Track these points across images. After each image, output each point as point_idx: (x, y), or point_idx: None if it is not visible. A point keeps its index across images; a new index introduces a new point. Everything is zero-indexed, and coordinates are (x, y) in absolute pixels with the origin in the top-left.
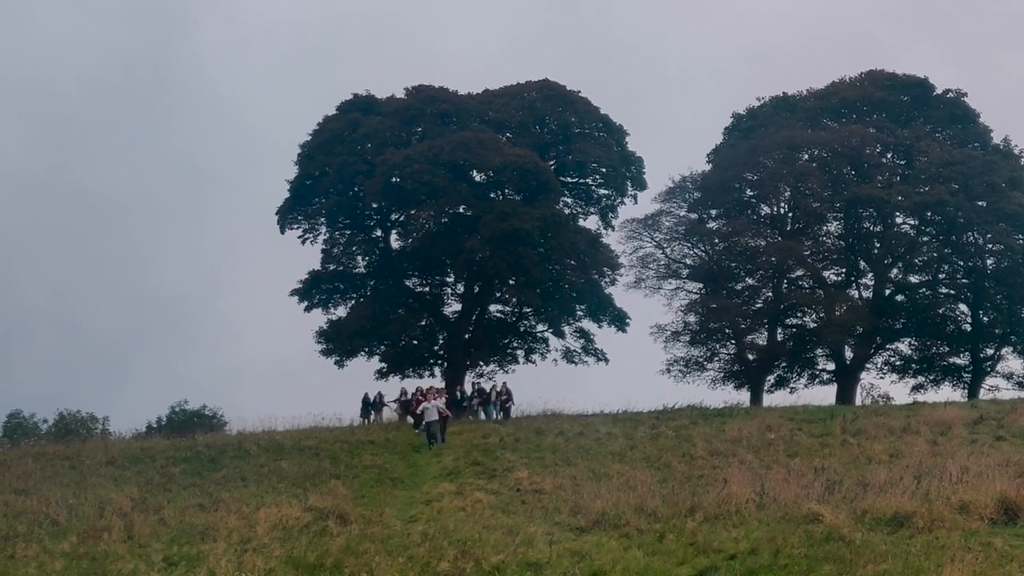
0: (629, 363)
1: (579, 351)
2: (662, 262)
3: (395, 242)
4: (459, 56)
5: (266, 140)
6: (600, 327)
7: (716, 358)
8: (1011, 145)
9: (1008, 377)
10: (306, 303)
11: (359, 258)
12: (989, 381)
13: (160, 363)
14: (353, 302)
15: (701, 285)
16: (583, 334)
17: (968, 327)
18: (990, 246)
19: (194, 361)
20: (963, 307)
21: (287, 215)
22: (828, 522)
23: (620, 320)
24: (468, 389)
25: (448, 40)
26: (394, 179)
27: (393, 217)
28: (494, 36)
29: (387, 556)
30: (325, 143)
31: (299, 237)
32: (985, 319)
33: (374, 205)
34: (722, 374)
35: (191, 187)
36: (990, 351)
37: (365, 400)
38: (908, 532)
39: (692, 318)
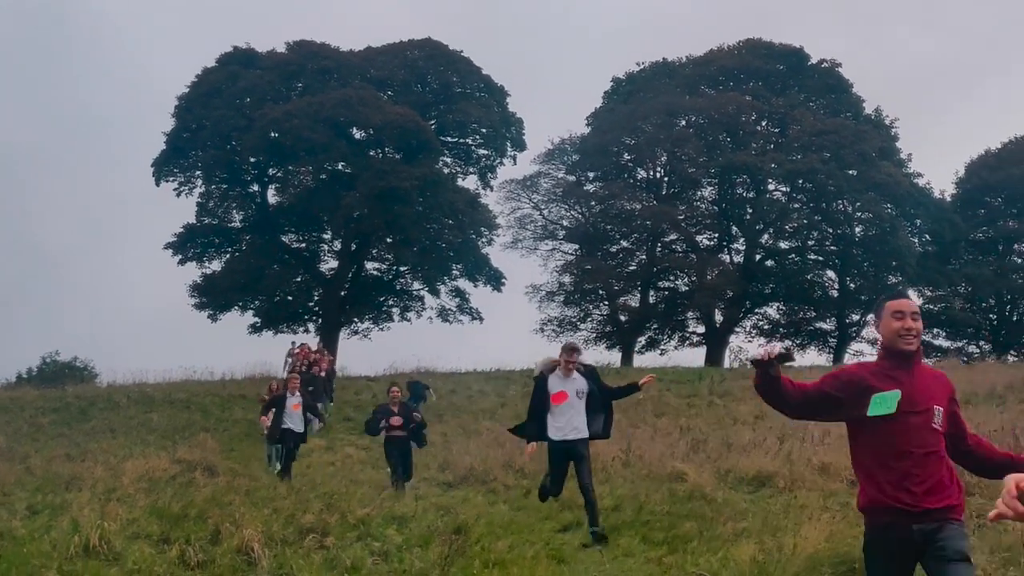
0: (504, 322)
1: (454, 310)
2: (539, 223)
3: (272, 197)
4: (342, 11)
5: (148, 90)
6: (476, 286)
7: (589, 319)
8: (882, 115)
9: (872, 342)
10: (180, 256)
11: (235, 212)
12: (854, 346)
13: (32, 314)
14: (228, 256)
15: (577, 246)
16: (458, 293)
17: (835, 293)
18: (859, 214)
19: (66, 312)
20: (831, 273)
21: (163, 167)
22: (691, 480)
23: (496, 280)
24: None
25: None
26: (273, 134)
27: (271, 172)
28: None
29: (252, 508)
30: (203, 96)
31: (175, 190)
32: (852, 285)
33: (252, 160)
34: (595, 334)
35: (71, 136)
36: (856, 317)
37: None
38: (769, 492)
39: (567, 279)
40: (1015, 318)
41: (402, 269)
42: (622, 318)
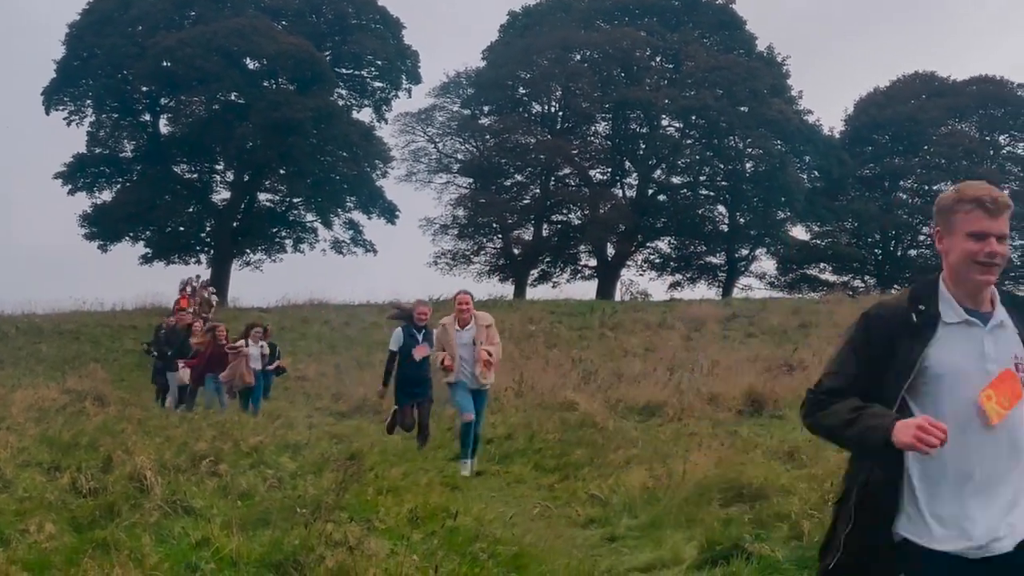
0: (398, 255)
1: (348, 242)
2: (434, 156)
3: (164, 127)
4: None
5: (37, 16)
6: (370, 219)
7: (483, 252)
8: (774, 53)
9: (760, 277)
10: (70, 186)
11: (126, 142)
12: (743, 280)
13: None
14: (119, 187)
15: (471, 180)
16: (352, 225)
17: (725, 228)
18: (750, 150)
19: None
20: (721, 208)
21: (53, 96)
22: (583, 410)
23: (390, 212)
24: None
25: None
26: (165, 63)
27: (163, 102)
28: None
29: (144, 436)
30: (95, 23)
31: (65, 119)
32: (742, 221)
33: (144, 89)
34: (488, 267)
35: None
36: (745, 252)
37: None
38: (659, 421)
39: (461, 212)
40: (899, 253)
41: (295, 201)
42: (515, 251)
